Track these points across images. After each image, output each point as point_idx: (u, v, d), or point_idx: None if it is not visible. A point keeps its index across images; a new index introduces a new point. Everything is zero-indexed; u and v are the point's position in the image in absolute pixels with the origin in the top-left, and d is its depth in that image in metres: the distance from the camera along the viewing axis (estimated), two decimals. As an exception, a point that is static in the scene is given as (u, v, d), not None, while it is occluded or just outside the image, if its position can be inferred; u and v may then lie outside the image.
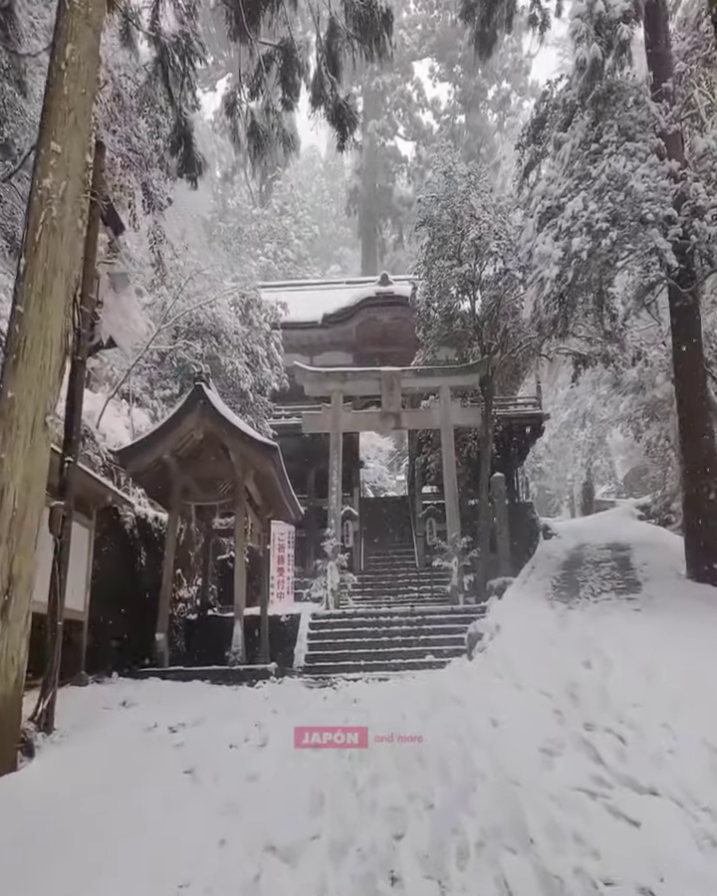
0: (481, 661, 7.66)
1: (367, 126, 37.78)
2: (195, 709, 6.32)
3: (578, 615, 8.46)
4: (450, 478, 14.57)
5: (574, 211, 8.79)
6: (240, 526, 9.64)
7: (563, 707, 5.41)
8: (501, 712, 5.45)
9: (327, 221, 53.85)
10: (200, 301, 14.51)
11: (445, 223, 15.37)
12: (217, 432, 9.53)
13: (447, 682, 7.03)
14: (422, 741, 4.99)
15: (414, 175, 39.62)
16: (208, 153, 49.93)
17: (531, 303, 9.89)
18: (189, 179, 8.66)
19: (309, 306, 20.35)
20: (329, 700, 6.89)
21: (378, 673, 10.44)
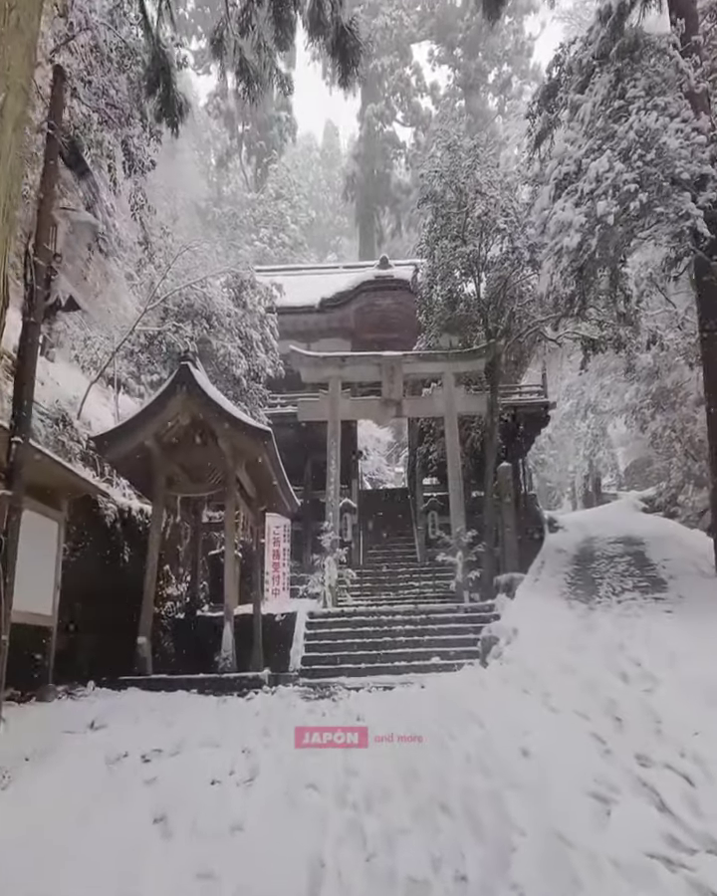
0: (498, 669, 6.80)
1: (365, 111, 36.61)
2: (175, 730, 5.45)
3: (602, 617, 7.61)
4: (454, 469, 13.69)
5: (598, 172, 7.87)
6: (231, 519, 8.75)
7: (605, 732, 4.55)
8: (531, 738, 4.59)
9: (323, 210, 52.67)
10: (190, 280, 13.52)
11: (449, 200, 14.40)
12: (205, 416, 8.61)
13: (462, 695, 6.17)
14: (442, 777, 4.13)
15: (413, 162, 38.49)
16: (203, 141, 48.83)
17: (547, 276, 8.98)
18: (170, 125, 7.70)
19: (305, 290, 19.38)
20: (327, 716, 6.01)
21: (381, 678, 9.62)
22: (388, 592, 14.83)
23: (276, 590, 13.60)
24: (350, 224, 49.60)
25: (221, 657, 8.04)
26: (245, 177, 36.96)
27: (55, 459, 6.08)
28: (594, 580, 10.02)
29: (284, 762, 4.67)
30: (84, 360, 13.89)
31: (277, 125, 35.10)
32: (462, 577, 12.80)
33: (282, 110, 36.07)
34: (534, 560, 13.69)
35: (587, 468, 27.90)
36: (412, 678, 9.16)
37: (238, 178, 43.57)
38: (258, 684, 7.45)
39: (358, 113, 38.68)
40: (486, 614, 11.33)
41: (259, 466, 9.10)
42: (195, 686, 7.40)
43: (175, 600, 11.27)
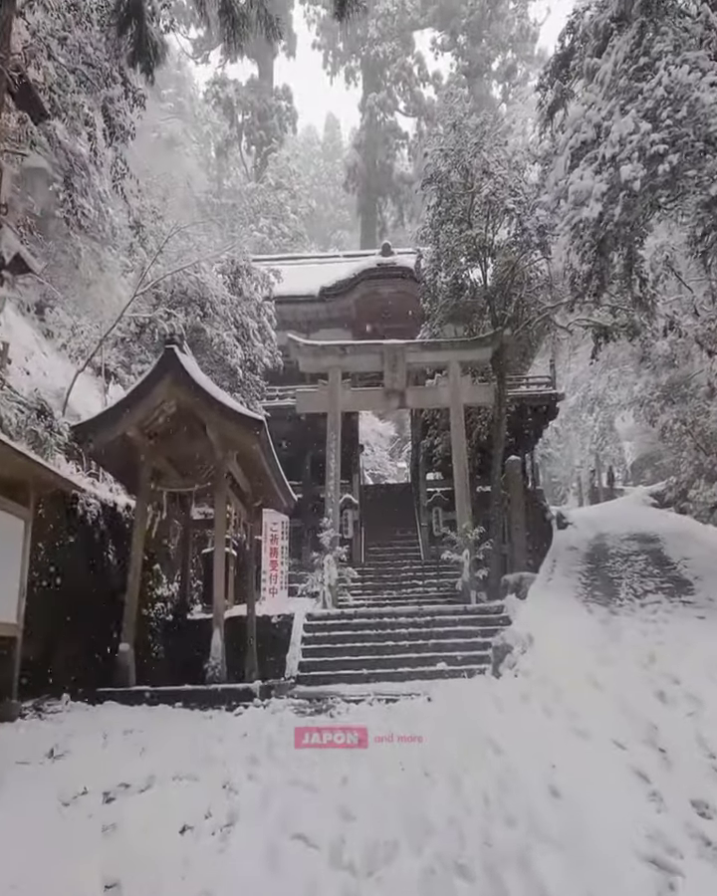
0: (514, 683, 6.07)
1: (367, 100, 35.71)
2: (149, 757, 4.73)
3: (626, 623, 6.88)
4: (460, 462, 12.95)
5: (621, 135, 7.10)
6: (221, 515, 8.02)
7: (649, 768, 3.82)
8: (561, 773, 3.86)
9: (325, 203, 51.83)
10: (183, 264, 12.77)
11: (454, 181, 13.62)
12: (192, 404, 7.87)
13: (475, 714, 5.44)
14: (457, 827, 3.40)
15: (416, 153, 37.60)
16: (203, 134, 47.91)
17: (563, 253, 8.21)
18: (144, 71, 6.94)
19: (305, 279, 18.61)
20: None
21: (383, 685, 8.91)
22: (391, 591, 14.11)
23: (273, 590, 12.87)
24: (351, 217, 48.74)
25: (209, 665, 7.33)
26: (245, 168, 36.11)
27: (17, 450, 5.35)
28: (611, 581, 9.29)
29: (270, 801, 3.96)
30: (72, 349, 13.17)
31: (277, 115, 34.23)
32: (469, 577, 12.07)
33: (282, 99, 35.19)
34: (543, 558, 12.99)
35: (593, 463, 27.15)
36: (417, 687, 8.44)
37: (238, 172, 42.72)
38: (249, 697, 6.73)
39: (360, 103, 37.79)
40: (494, 616, 10.61)
41: (252, 458, 8.37)
42: (180, 699, 6.69)
43: (166, 601, 10.54)
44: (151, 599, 10.19)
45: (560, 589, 9.12)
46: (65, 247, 16.43)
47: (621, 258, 9.31)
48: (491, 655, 7.05)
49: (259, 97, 34.03)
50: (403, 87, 37.36)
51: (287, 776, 4.39)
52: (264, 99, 34.12)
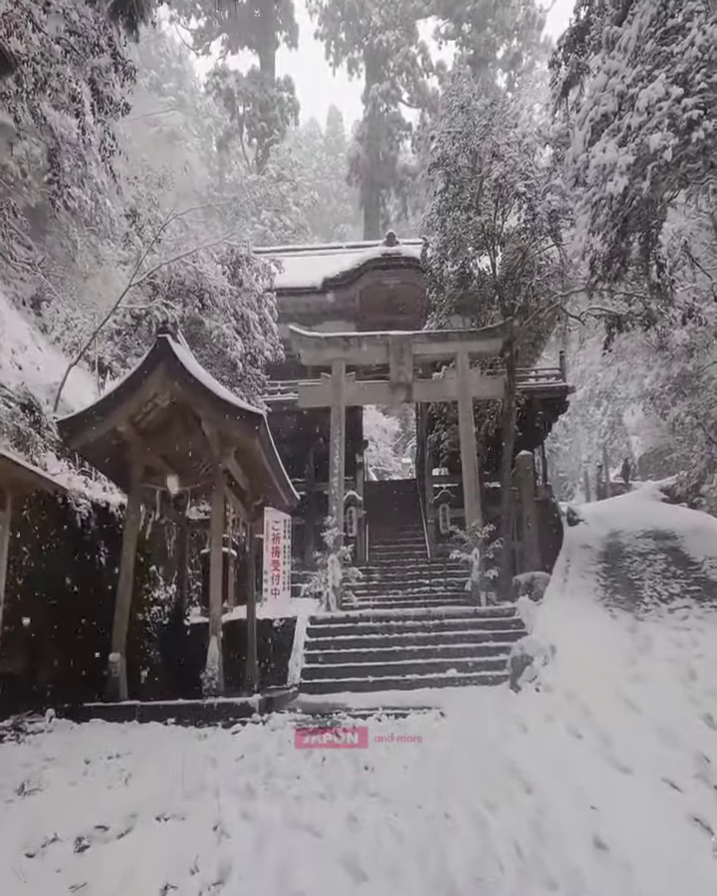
0: (535, 699, 5.51)
1: (370, 91, 34.94)
2: (133, 789, 4.20)
3: (655, 631, 6.31)
4: (469, 457, 12.37)
5: (650, 101, 6.48)
6: (218, 515, 7.47)
7: (710, 814, 3.26)
8: (605, 818, 3.31)
9: (327, 198, 51.10)
10: (180, 253, 12.19)
11: (462, 165, 12.99)
12: (187, 397, 7.31)
13: (496, 736, 4.89)
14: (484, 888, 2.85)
15: (419, 144, 36.85)
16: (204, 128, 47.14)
17: (583, 232, 7.60)
18: (127, 26, 6.35)
19: (307, 271, 18.01)
20: (327, 766, 4.75)
21: (391, 693, 8.37)
22: (396, 591, 13.57)
23: (275, 591, 12.34)
24: (354, 211, 48.02)
25: (206, 677, 6.78)
26: (246, 162, 35.41)
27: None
28: (632, 583, 8.71)
29: (267, 848, 3.42)
30: (66, 343, 12.63)
31: (279, 106, 33.47)
32: (478, 577, 11.51)
33: (284, 90, 34.45)
34: (554, 557, 12.45)
35: (601, 457, 26.52)
36: (427, 697, 7.92)
37: (240, 166, 42.02)
38: (247, 712, 6.18)
39: (363, 95, 37.02)
40: (507, 619, 10.06)
41: (251, 455, 7.80)
42: (173, 714, 6.14)
43: (163, 605, 10.02)
44: (147, 603, 9.67)
45: (577, 592, 8.55)
46: (61, 239, 15.88)
47: (639, 242, 8.73)
48: (509, 666, 6.49)
49: (260, 88, 33.30)
50: (407, 77, 36.58)
51: (286, 813, 3.86)
52: (265, 90, 33.36)
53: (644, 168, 6.54)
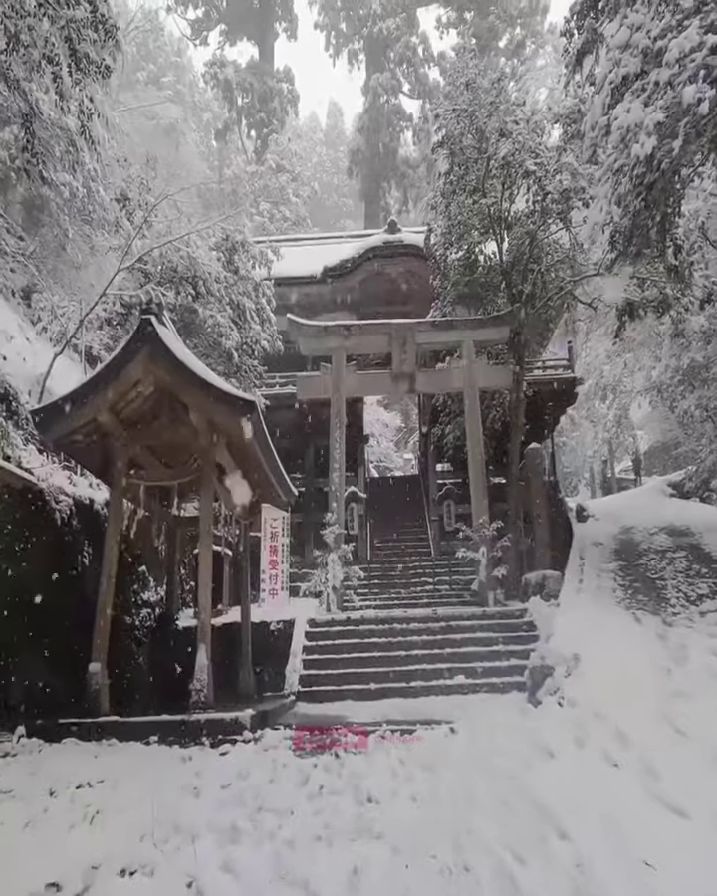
0: (559, 716, 4.88)
1: (370, 80, 34.15)
2: (98, 830, 3.59)
3: (689, 638, 5.68)
4: (475, 451, 11.73)
5: (682, 51, 5.83)
6: (207, 511, 6.83)
7: None
8: (664, 881, 2.66)
9: (328, 193, 50.33)
10: (172, 237, 11.54)
11: (468, 145, 12.31)
12: (173, 384, 6.68)
13: (516, 757, 4.26)
14: None
15: (421, 136, 36.07)
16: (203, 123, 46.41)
17: (604, 202, 6.94)
18: None
19: (306, 260, 17.33)
20: (325, 797, 4.12)
21: (395, 702, 7.77)
22: (399, 590, 12.96)
23: (273, 591, 11.70)
24: (354, 205, 47.25)
25: (194, 689, 6.15)
26: (246, 156, 34.67)
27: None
28: (653, 583, 8.08)
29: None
30: (53, 332, 12.00)
31: (278, 97, 32.72)
32: (486, 576, 10.88)
33: (283, 81, 33.69)
34: (564, 554, 11.80)
35: (606, 452, 25.85)
36: (435, 706, 7.31)
37: (239, 161, 41.28)
38: (237, 729, 5.55)
39: (363, 86, 36.24)
40: (517, 621, 9.43)
41: (243, 446, 7.16)
42: (156, 731, 5.52)
43: (153, 607, 9.41)
44: (136, 606, 9.06)
45: (595, 593, 7.92)
46: (52, 229, 15.20)
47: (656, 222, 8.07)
48: (527, 677, 5.85)
49: (259, 78, 32.53)
50: (408, 68, 35.77)
51: (276, 864, 3.23)
52: (264, 80, 32.59)
53: (675, 127, 5.88)
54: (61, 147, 12.99)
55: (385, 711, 7.15)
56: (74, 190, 14.03)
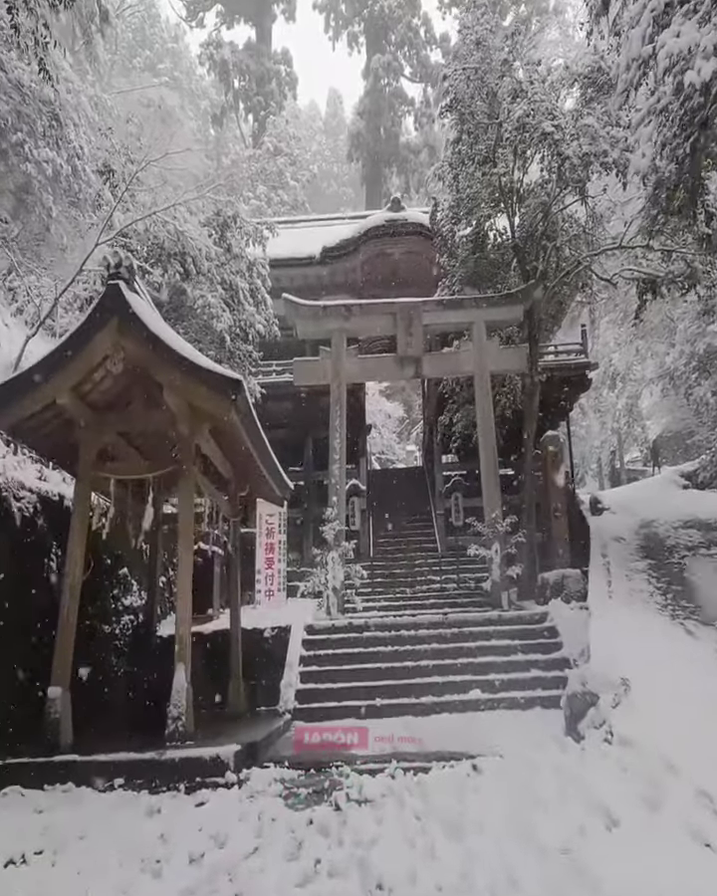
0: (612, 758, 3.90)
1: (371, 62, 32.84)
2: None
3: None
4: (487, 440, 10.72)
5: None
6: (187, 510, 5.83)
7: None
8: None
9: (327, 181, 49.06)
10: (157, 208, 10.49)
11: (478, 109, 11.21)
12: (146, 360, 5.66)
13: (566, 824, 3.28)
14: None
15: (422, 121, 34.80)
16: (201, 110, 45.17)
17: (647, 147, 5.88)
18: None
19: (304, 241, 16.29)
20: (322, 880, 3.15)
21: (404, 721, 6.81)
22: (404, 589, 11.99)
23: (270, 591, 10.75)
24: (355, 194, 45.98)
25: (170, 717, 5.17)
26: (243, 142, 33.42)
27: None
28: (694, 584, 7.09)
29: None
30: (29, 314, 10.99)
31: (276, 79, 31.44)
32: (499, 575, 9.90)
33: (281, 63, 32.36)
34: (582, 551, 10.83)
35: (615, 442, 24.82)
36: (449, 728, 6.35)
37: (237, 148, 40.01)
38: (218, 769, 4.57)
39: (364, 69, 34.90)
40: (537, 626, 8.46)
41: (230, 433, 6.17)
42: (122, 772, 4.55)
43: (136, 613, 8.44)
44: (116, 613, 8.09)
45: (629, 598, 6.93)
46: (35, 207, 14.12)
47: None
48: (565, 705, 4.86)
49: (257, 60, 31.22)
50: (409, 50, 34.44)
51: None
52: (262, 62, 31.28)
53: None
54: (44, 122, 11.97)
55: (393, 732, 6.19)
56: (57, 167, 12.94)
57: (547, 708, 7.01)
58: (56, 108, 12.23)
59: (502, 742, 5.38)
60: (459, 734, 6.02)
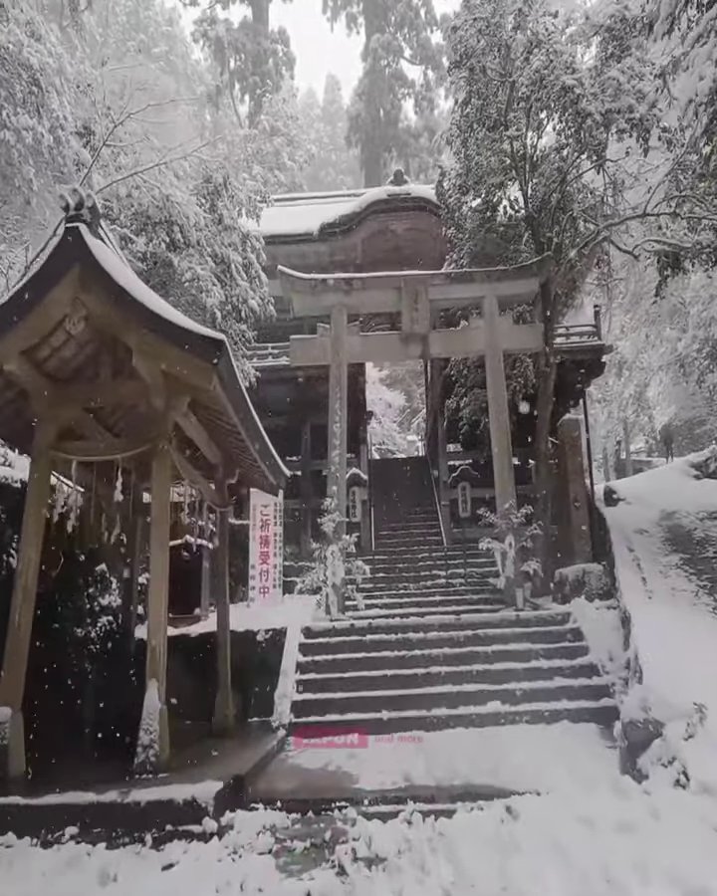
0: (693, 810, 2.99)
1: (370, 42, 31.61)
2: None
3: None
4: (499, 424, 9.80)
5: None
6: (161, 497, 4.89)
7: None
8: None
9: (325, 169, 47.78)
10: (139, 168, 9.49)
11: (489, 66, 10.19)
12: (112, 320, 4.70)
13: None
14: None
15: (423, 105, 33.59)
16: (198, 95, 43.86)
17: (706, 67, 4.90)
18: None
19: (302, 218, 15.30)
20: None
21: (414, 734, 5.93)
22: (408, 585, 11.09)
23: (264, 588, 9.86)
24: (353, 183, 44.72)
25: (140, 745, 4.25)
26: (238, 119, 32.19)
27: None
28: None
29: None
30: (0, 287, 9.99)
31: (273, 59, 30.21)
32: (514, 571, 8.99)
33: (278, 42, 31.09)
34: (600, 544, 9.94)
35: (621, 432, 23.93)
36: (465, 748, 5.46)
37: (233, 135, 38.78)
38: (195, 816, 3.65)
39: (362, 51, 33.64)
40: (559, 628, 7.55)
41: (212, 407, 5.22)
42: (75, 820, 3.64)
43: (116, 614, 7.51)
44: (91, 614, 7.16)
45: (672, 598, 6.03)
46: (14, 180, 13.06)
47: None
48: (619, 735, 3.93)
49: (253, 39, 29.97)
50: (409, 32, 33.18)
51: None
52: (258, 42, 30.05)
53: None
54: (22, 87, 10.93)
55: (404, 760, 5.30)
56: (38, 136, 11.89)
57: (574, 722, 6.16)
58: (36, 73, 11.17)
59: (534, 769, 4.49)
60: (479, 755, 5.13)
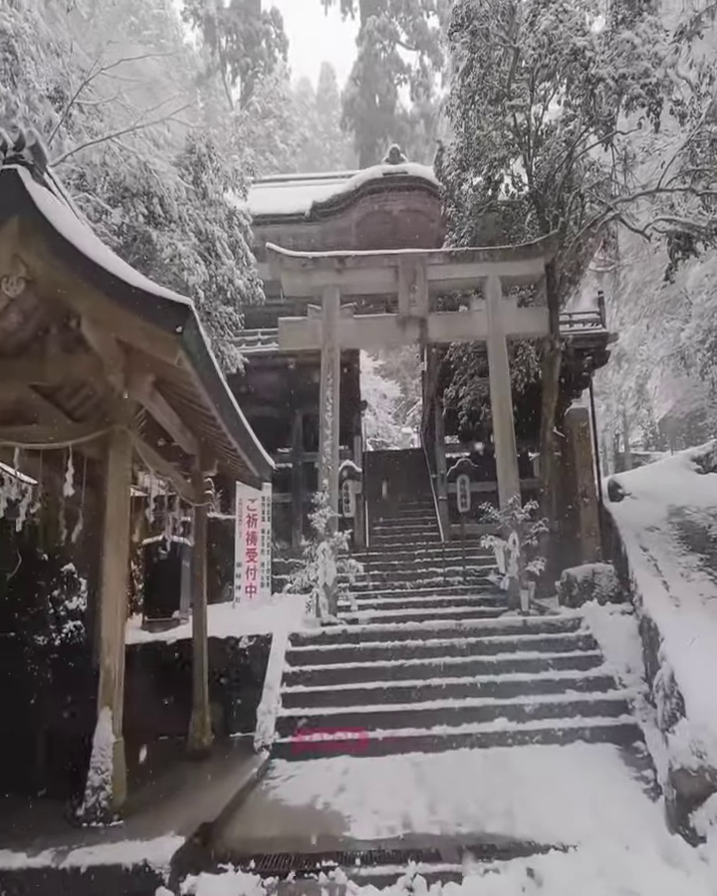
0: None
1: (365, 25, 30.62)
2: None
3: None
4: (502, 413, 9.08)
5: None
6: (119, 490, 4.14)
7: None
8: None
9: (320, 159, 46.71)
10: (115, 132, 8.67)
11: (492, 31, 9.39)
12: (58, 280, 3.91)
13: None
14: None
15: (419, 91, 32.65)
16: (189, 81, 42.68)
17: None
18: None
19: (294, 199, 14.47)
20: None
21: (414, 759, 5.24)
22: (403, 583, 10.39)
23: (251, 588, 9.15)
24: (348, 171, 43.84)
25: (90, 785, 3.51)
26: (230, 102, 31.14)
27: None
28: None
29: None
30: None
31: (265, 39, 29.18)
32: (518, 570, 8.30)
33: (271, 23, 30.03)
34: (608, 542, 9.29)
35: (620, 425, 23.31)
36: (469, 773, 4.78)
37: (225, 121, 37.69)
38: (148, 885, 2.92)
39: (358, 36, 32.63)
40: (570, 634, 6.87)
41: (181, 387, 4.45)
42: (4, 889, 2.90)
43: (86, 619, 6.76)
44: (56, 619, 6.42)
45: (703, 605, 5.36)
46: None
47: None
48: (667, 784, 3.20)
49: (244, 19, 28.91)
50: (405, 16, 32.20)
51: None
52: (250, 22, 29.00)
53: None
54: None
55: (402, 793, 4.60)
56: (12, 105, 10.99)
57: (590, 742, 5.49)
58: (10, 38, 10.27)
59: (554, 809, 3.80)
60: (489, 789, 4.44)
